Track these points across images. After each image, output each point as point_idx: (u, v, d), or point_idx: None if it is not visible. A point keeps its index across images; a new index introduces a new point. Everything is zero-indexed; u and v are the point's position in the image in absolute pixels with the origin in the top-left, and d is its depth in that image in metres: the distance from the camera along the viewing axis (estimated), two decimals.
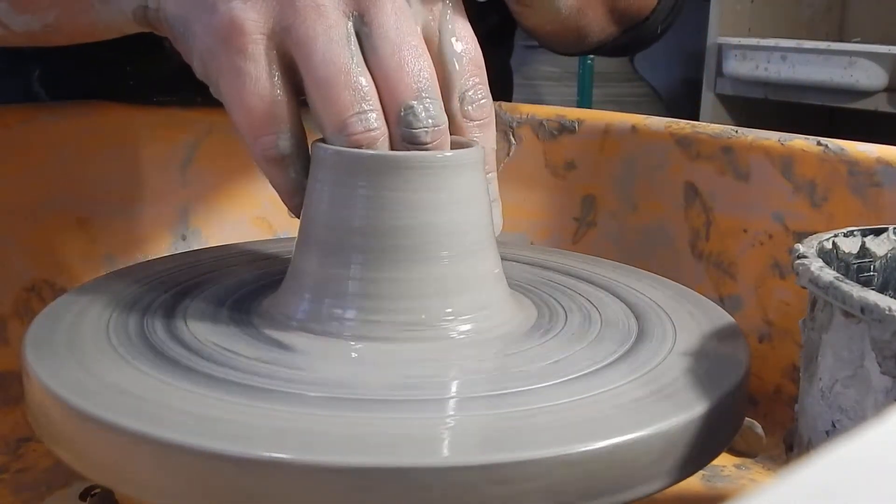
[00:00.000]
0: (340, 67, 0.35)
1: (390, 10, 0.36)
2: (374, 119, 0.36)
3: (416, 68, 0.36)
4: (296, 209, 0.39)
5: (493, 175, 0.43)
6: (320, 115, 0.36)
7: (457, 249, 0.37)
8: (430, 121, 0.36)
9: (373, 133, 0.36)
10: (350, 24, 0.36)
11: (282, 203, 0.40)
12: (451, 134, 0.39)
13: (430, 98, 0.36)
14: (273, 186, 0.39)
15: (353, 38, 0.36)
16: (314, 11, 0.36)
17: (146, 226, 0.59)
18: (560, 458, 0.29)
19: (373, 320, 0.36)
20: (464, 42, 0.40)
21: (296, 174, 0.38)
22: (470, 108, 0.40)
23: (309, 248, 0.38)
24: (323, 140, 0.38)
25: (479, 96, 0.40)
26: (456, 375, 0.35)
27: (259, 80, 0.36)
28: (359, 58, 0.36)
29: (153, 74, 0.59)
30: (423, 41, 0.37)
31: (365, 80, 0.36)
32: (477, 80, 0.40)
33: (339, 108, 0.35)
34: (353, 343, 0.36)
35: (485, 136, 0.41)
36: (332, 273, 0.37)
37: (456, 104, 0.40)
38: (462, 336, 0.37)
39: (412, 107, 0.36)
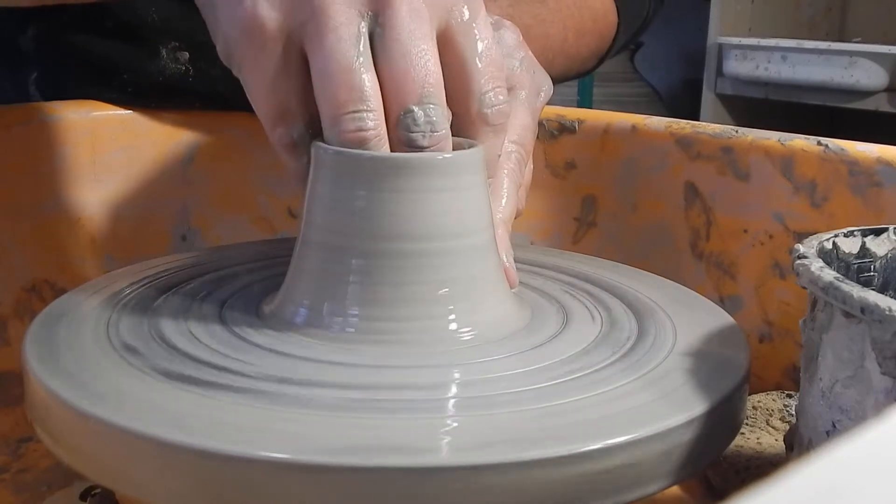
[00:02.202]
0: (344, 65, 0.36)
1: (405, 13, 0.36)
2: (369, 119, 0.36)
3: (423, 73, 0.36)
4: None
5: (492, 180, 0.42)
6: (320, 108, 0.37)
7: (457, 252, 0.37)
8: (428, 126, 0.36)
9: (364, 133, 0.36)
10: (363, 23, 0.36)
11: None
12: (465, 136, 0.39)
13: (432, 104, 0.36)
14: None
15: (364, 38, 0.36)
16: (329, 8, 0.36)
17: (146, 226, 0.59)
18: (560, 459, 0.29)
19: (373, 323, 0.36)
20: (485, 43, 0.39)
21: (309, 160, 0.39)
22: (489, 111, 0.39)
23: (309, 249, 0.38)
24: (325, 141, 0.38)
25: (500, 100, 0.39)
26: (456, 377, 0.35)
27: (277, 75, 0.37)
28: (366, 57, 0.36)
29: (150, 83, 0.59)
30: (436, 46, 0.37)
31: (368, 80, 0.36)
32: (498, 82, 0.39)
33: (335, 104, 0.36)
34: (353, 345, 0.36)
35: (497, 141, 0.40)
36: (332, 275, 0.37)
37: (475, 106, 0.39)
38: (462, 338, 0.37)
39: (412, 111, 0.36)
